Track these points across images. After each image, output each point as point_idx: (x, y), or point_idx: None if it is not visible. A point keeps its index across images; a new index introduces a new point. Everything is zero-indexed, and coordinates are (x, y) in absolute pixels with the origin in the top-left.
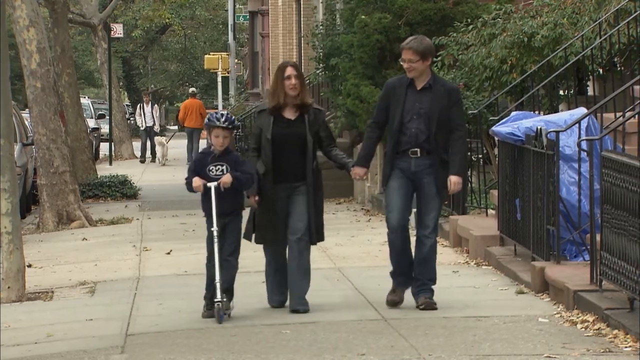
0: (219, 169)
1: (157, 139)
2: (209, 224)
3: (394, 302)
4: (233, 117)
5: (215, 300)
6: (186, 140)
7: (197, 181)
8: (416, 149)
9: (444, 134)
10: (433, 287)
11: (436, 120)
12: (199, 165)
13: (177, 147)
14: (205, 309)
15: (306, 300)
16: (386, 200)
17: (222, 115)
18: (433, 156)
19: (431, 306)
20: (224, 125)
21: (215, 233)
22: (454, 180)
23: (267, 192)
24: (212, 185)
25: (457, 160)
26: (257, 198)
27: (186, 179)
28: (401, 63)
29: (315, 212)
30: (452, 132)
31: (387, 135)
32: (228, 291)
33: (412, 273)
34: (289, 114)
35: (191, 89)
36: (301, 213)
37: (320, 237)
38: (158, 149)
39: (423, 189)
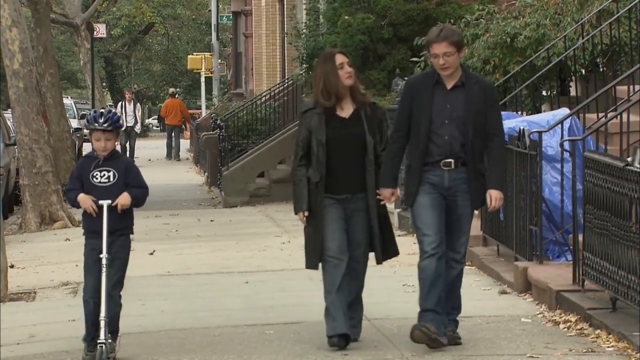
0: (104, 175)
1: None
2: (92, 248)
3: (430, 338)
4: (116, 116)
5: (99, 341)
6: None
7: (85, 200)
8: (450, 160)
9: (480, 141)
10: (457, 317)
11: (472, 125)
12: (81, 170)
13: (160, 147)
14: (85, 352)
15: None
16: (417, 220)
17: (101, 114)
18: (469, 168)
19: (454, 341)
20: (103, 128)
21: (104, 261)
22: (495, 196)
23: (319, 205)
24: (104, 203)
25: (497, 172)
26: (306, 213)
27: (68, 188)
28: (432, 60)
29: (384, 222)
30: (489, 139)
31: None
32: (111, 332)
33: (446, 309)
34: (343, 112)
35: (171, 90)
36: (362, 235)
37: (392, 251)
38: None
39: (457, 210)
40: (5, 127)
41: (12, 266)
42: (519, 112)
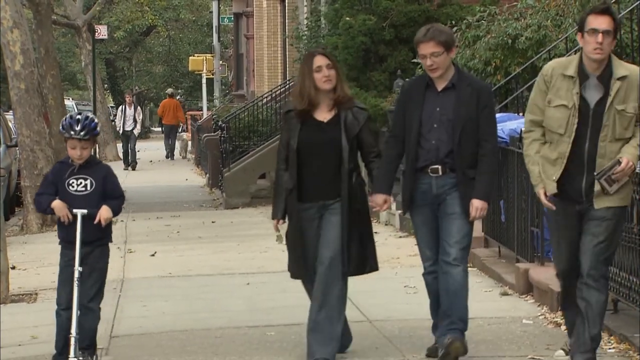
0: (81, 183)
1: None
2: (68, 259)
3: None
4: (93, 123)
5: (69, 358)
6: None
7: (61, 208)
8: (437, 166)
9: (471, 146)
10: (464, 331)
11: (460, 128)
12: (56, 177)
13: (161, 148)
14: None
15: (333, 347)
16: (415, 234)
17: (77, 121)
18: (458, 173)
19: (459, 353)
20: (80, 137)
21: (77, 274)
22: (476, 205)
23: (293, 214)
24: (79, 212)
25: (482, 180)
26: (280, 221)
27: (39, 192)
28: (420, 61)
29: (359, 235)
30: (480, 145)
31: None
32: (89, 347)
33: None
34: (321, 115)
35: (169, 90)
36: (332, 238)
37: (366, 267)
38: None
39: (445, 209)
40: (7, 129)
41: (13, 267)
42: (520, 114)
